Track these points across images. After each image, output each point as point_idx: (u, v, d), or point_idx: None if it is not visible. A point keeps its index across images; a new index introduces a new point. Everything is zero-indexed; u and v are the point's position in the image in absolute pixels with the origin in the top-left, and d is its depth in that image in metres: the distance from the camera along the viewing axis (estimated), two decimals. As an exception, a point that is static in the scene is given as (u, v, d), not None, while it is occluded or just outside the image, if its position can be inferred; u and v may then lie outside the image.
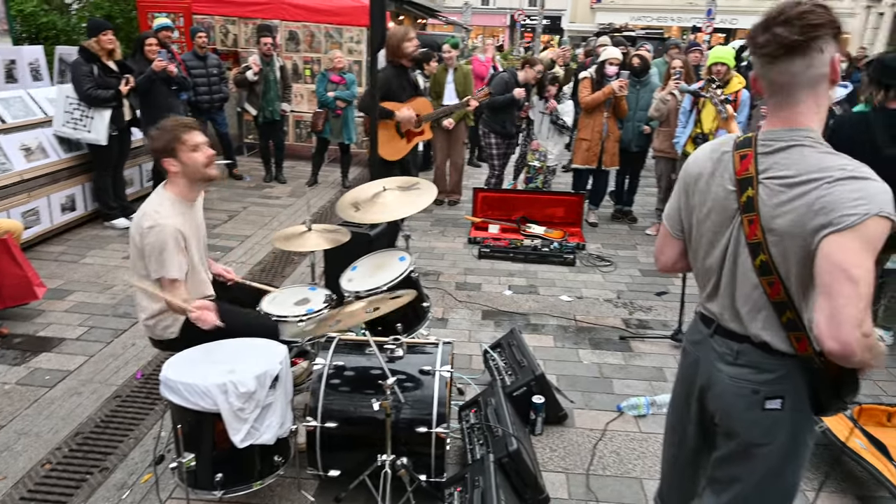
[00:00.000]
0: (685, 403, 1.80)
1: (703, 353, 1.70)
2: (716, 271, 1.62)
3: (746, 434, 1.60)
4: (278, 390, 2.32)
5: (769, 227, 1.45)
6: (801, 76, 1.42)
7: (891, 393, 3.55)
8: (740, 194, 1.49)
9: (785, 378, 1.53)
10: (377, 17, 3.67)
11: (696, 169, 1.65)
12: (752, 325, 1.55)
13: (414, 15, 24.68)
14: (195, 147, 2.59)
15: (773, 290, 1.48)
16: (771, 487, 1.63)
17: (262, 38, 7.17)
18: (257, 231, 5.99)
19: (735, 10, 35.68)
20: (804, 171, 1.40)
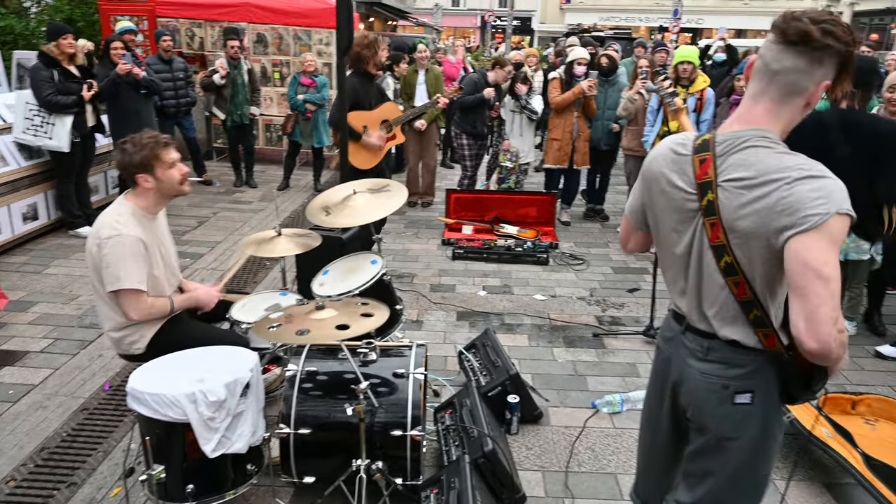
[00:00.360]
0: (658, 399, 1.83)
1: (674, 350, 1.72)
2: (682, 270, 1.64)
3: (718, 428, 1.62)
4: (249, 398, 2.29)
5: (732, 229, 1.46)
6: (790, 73, 1.42)
7: (855, 381, 3.65)
8: (701, 198, 1.51)
9: (754, 373, 1.56)
10: (343, 19, 3.64)
11: (656, 168, 1.66)
12: (718, 325, 1.57)
13: (384, 17, 24.64)
14: (172, 164, 2.54)
15: (740, 289, 1.49)
16: (743, 480, 1.65)
17: (229, 41, 7.08)
18: (228, 237, 5.91)
19: (701, 10, 36.35)
20: (763, 172, 1.42)
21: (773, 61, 1.44)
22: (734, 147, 1.48)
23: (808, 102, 1.45)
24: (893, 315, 4.44)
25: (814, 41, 1.38)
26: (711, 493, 1.68)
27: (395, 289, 3.25)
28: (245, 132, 7.53)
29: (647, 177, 1.70)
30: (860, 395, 3.25)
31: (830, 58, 1.40)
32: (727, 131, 1.52)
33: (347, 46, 3.75)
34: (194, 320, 2.82)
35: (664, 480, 1.91)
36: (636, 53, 8.80)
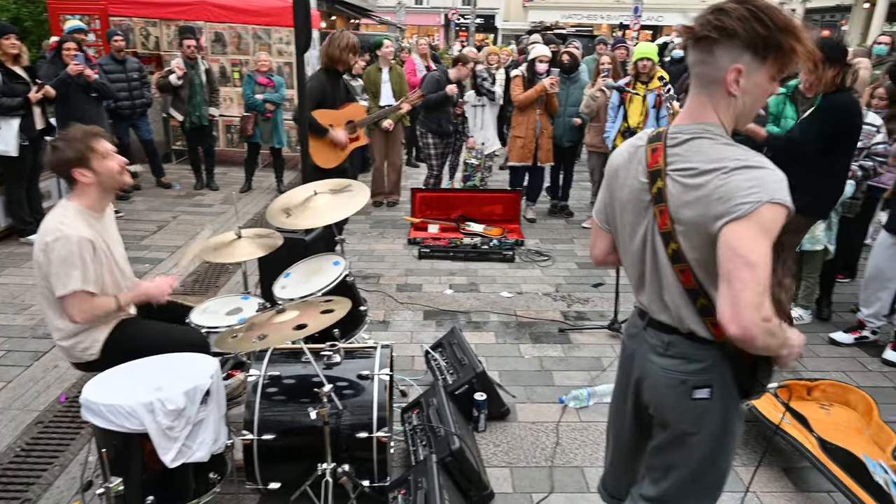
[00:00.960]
0: (623, 395, 1.85)
1: (637, 346, 1.75)
2: (639, 263, 1.66)
3: (678, 423, 1.65)
4: (210, 405, 2.24)
5: (677, 218, 1.49)
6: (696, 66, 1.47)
7: (810, 368, 3.75)
8: (651, 186, 1.53)
9: (712, 367, 1.58)
10: (301, 17, 3.59)
11: (615, 163, 1.70)
12: (677, 315, 1.59)
13: (346, 15, 24.44)
14: (107, 154, 2.47)
15: (685, 277, 1.52)
16: (705, 473, 1.68)
17: (185, 41, 6.92)
18: (188, 241, 5.77)
19: (661, 8, 36.98)
20: (703, 162, 1.45)
21: (689, 60, 1.51)
22: (681, 139, 1.51)
23: (729, 91, 1.45)
24: (844, 302, 4.59)
25: (695, 32, 1.42)
26: (675, 486, 1.70)
27: (359, 290, 3.22)
28: (204, 134, 7.38)
29: (609, 173, 1.73)
30: (815, 382, 3.35)
31: (726, 42, 1.40)
32: (677, 125, 1.56)
33: (305, 45, 3.70)
34: (152, 321, 2.75)
35: (630, 474, 1.94)
36: (598, 51, 8.91)
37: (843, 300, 4.64)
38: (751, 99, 1.48)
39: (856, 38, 21.00)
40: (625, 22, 25.48)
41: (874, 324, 4.00)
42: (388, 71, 6.81)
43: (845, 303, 4.60)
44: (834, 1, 24.92)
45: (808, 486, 2.77)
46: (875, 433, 3.01)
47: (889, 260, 3.76)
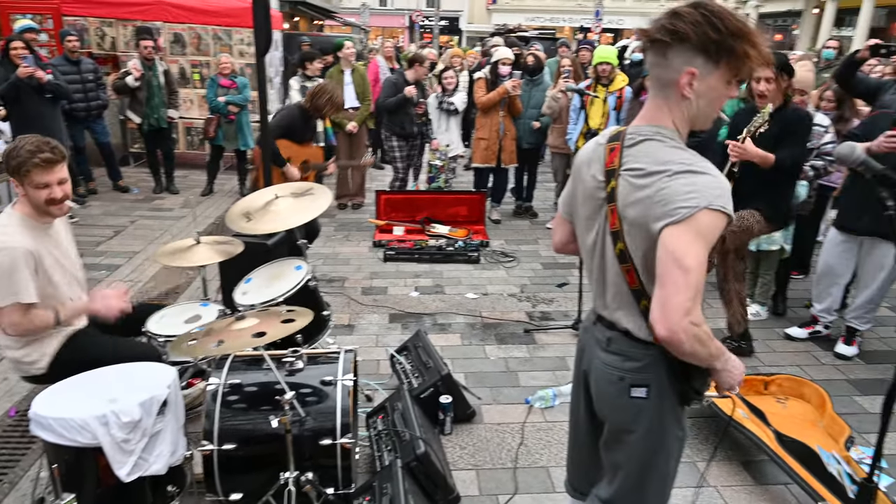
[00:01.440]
0: (577, 389, 1.89)
1: (587, 341, 1.78)
2: (590, 259, 1.69)
3: (616, 419, 1.68)
4: (167, 416, 2.19)
5: (624, 217, 1.51)
6: (653, 69, 1.50)
7: (767, 363, 3.86)
8: (606, 185, 1.56)
9: (649, 367, 1.59)
10: (261, 19, 3.53)
11: (580, 159, 1.73)
12: (616, 312, 1.62)
13: (309, 16, 24.21)
14: (41, 186, 2.32)
15: (630, 278, 1.54)
16: (647, 475, 1.70)
17: (142, 41, 6.76)
18: (147, 246, 5.64)
19: (621, 11, 37.66)
20: (651, 163, 1.47)
21: (647, 64, 1.54)
22: (635, 140, 1.54)
23: (683, 94, 1.47)
24: (798, 298, 4.73)
25: (650, 35, 1.45)
26: (623, 487, 1.73)
27: (321, 294, 3.18)
28: (163, 136, 7.21)
29: (574, 168, 1.76)
30: (772, 376, 3.45)
31: (678, 46, 1.43)
32: (635, 125, 1.58)
33: (266, 47, 3.64)
34: (104, 334, 2.66)
35: (592, 470, 1.95)
36: (560, 53, 9.01)
37: (798, 296, 4.78)
38: (706, 102, 1.49)
39: (806, 42, 21.71)
40: (586, 25, 25.86)
41: (826, 318, 4.13)
42: (350, 72, 6.75)
43: (799, 298, 4.74)
44: (786, 6, 25.73)
45: (767, 478, 2.84)
46: (828, 425, 3.11)
47: (839, 256, 3.89)
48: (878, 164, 1.64)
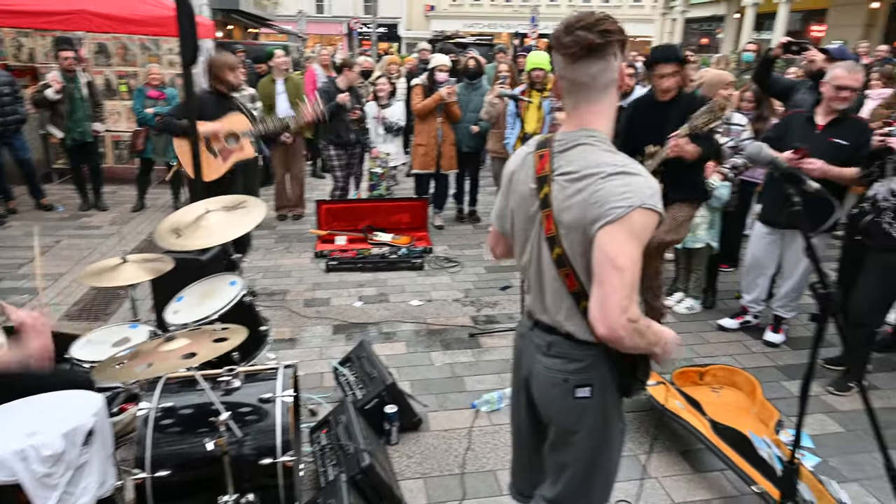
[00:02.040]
0: (517, 395, 1.90)
1: (525, 346, 1.80)
2: (528, 266, 1.71)
3: (562, 421, 1.72)
4: (94, 446, 2.08)
5: (559, 221, 1.54)
6: (598, 78, 1.51)
7: (702, 354, 4.00)
8: (539, 191, 1.59)
9: (591, 367, 1.64)
10: (186, 28, 3.43)
11: (509, 169, 1.75)
12: (557, 315, 1.65)
13: (243, 24, 23.73)
14: None
15: (570, 280, 1.57)
16: (593, 471, 1.75)
17: (62, 53, 6.47)
18: (74, 267, 5.38)
19: (556, 17, 38.45)
20: (584, 167, 1.50)
21: (580, 76, 1.52)
22: (566, 145, 1.58)
23: (619, 86, 1.58)
24: (728, 290, 4.93)
25: (600, 46, 1.47)
26: (568, 485, 1.76)
27: (258, 310, 3.10)
28: (89, 151, 6.91)
29: (505, 179, 1.78)
30: (706, 367, 3.58)
31: (616, 49, 1.51)
32: (562, 131, 1.62)
33: (192, 57, 3.53)
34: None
35: (535, 472, 1.98)
36: (497, 59, 9.13)
37: (728, 288, 4.99)
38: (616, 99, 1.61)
39: (730, 45, 22.75)
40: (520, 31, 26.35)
41: (755, 308, 4.32)
42: (282, 82, 6.64)
43: (730, 290, 4.95)
44: (710, 11, 26.91)
45: (704, 466, 2.94)
46: (759, 411, 3.25)
47: (764, 249, 4.07)
48: (785, 163, 1.73)
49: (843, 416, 3.35)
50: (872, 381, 3.71)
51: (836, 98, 3.54)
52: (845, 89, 3.50)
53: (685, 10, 24.57)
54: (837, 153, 3.53)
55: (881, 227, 3.34)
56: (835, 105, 3.57)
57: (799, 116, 3.79)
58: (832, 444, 3.11)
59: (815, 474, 2.74)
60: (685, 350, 4.06)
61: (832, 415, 3.37)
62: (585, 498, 1.79)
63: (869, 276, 3.45)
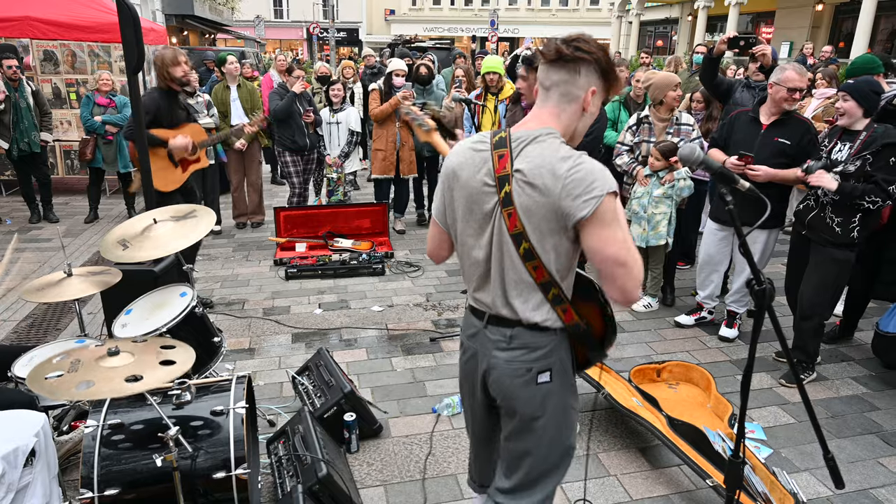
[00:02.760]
0: (471, 393, 1.92)
1: (479, 345, 1.80)
2: (483, 263, 1.72)
3: (526, 409, 1.75)
4: (37, 466, 2.01)
5: (527, 217, 1.58)
6: (561, 86, 1.61)
7: (659, 351, 4.07)
8: (499, 190, 1.61)
9: (551, 352, 1.71)
10: (129, 33, 3.34)
11: (452, 164, 1.74)
12: (523, 309, 1.68)
13: (200, 30, 23.31)
14: None
15: (538, 273, 1.62)
16: (554, 452, 1.80)
17: (5, 61, 6.25)
18: (23, 281, 5.17)
19: (516, 21, 38.93)
20: (548, 162, 1.55)
21: (545, 79, 1.64)
22: (526, 142, 1.62)
23: (584, 108, 1.64)
24: (685, 287, 5.04)
25: (566, 55, 1.58)
26: (529, 472, 1.79)
27: (210, 321, 3.04)
28: (37, 161, 6.70)
29: (448, 175, 1.76)
30: (663, 363, 3.64)
31: (586, 67, 1.60)
32: (521, 129, 1.65)
33: (138, 63, 3.45)
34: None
35: (493, 463, 2.03)
36: (457, 63, 9.18)
37: (685, 285, 5.10)
38: (589, 117, 1.68)
39: (683, 47, 23.32)
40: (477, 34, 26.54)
41: (710, 304, 4.42)
42: (236, 88, 6.54)
43: (686, 287, 5.06)
44: (664, 14, 27.56)
45: (661, 462, 2.98)
46: (715, 405, 3.33)
47: (716, 246, 4.17)
48: (716, 163, 1.77)
49: (794, 408, 3.44)
50: (822, 371, 3.83)
51: (789, 99, 3.65)
52: (797, 90, 3.62)
53: (640, 13, 25.09)
54: (782, 152, 3.65)
55: (824, 221, 3.46)
56: (787, 106, 3.68)
57: (744, 115, 3.90)
58: (784, 436, 3.20)
59: (766, 466, 2.81)
60: (643, 348, 4.14)
61: (785, 407, 3.47)
62: (544, 481, 1.82)
63: (814, 269, 3.57)
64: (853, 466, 2.96)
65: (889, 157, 3.22)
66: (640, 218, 4.55)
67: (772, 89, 3.69)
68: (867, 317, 4.35)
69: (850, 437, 3.19)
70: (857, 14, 14.95)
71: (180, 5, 19.08)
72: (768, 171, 3.60)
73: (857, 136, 3.36)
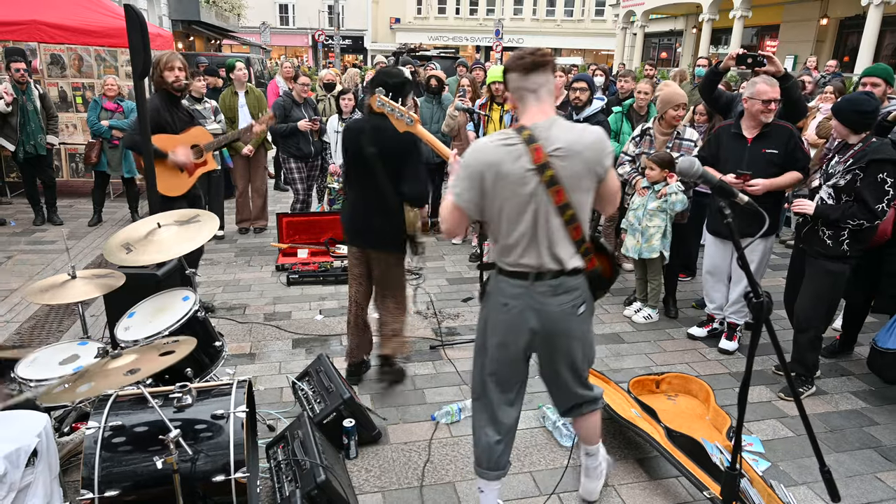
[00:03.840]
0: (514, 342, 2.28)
1: (526, 300, 2.21)
2: (529, 232, 2.13)
3: (575, 333, 2.28)
4: (39, 467, 2.03)
5: (571, 187, 2.08)
6: (545, 84, 2.15)
7: (659, 363, 4.08)
8: (542, 174, 2.06)
9: (583, 289, 2.27)
10: (137, 38, 3.37)
11: (491, 160, 2.08)
12: (566, 259, 2.18)
13: (206, 36, 23.47)
14: None
15: (576, 232, 2.15)
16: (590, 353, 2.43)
17: (13, 64, 6.30)
18: (26, 283, 5.22)
19: (521, 31, 39.11)
20: (574, 136, 2.10)
21: (530, 84, 2.14)
22: (548, 128, 2.10)
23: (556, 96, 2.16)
24: (686, 299, 5.05)
25: (544, 63, 2.13)
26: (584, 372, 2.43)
27: (212, 325, 3.06)
28: (42, 164, 6.74)
29: (483, 169, 2.08)
30: (662, 375, 3.65)
31: (551, 68, 2.18)
32: (536, 122, 2.11)
33: (145, 69, 3.49)
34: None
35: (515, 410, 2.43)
36: (458, 73, 9.23)
37: (686, 297, 5.11)
38: None
39: (688, 59, 23.40)
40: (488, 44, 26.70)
41: (721, 315, 4.41)
42: (244, 94, 6.58)
43: (687, 299, 5.07)
44: (668, 26, 27.68)
45: (659, 473, 2.99)
46: (713, 418, 3.33)
47: (719, 256, 4.17)
48: (715, 177, 1.80)
49: (793, 422, 3.44)
50: (821, 386, 3.83)
51: (765, 111, 3.70)
52: (771, 101, 3.66)
53: (644, 24, 25.20)
54: (771, 162, 3.70)
55: (817, 234, 3.49)
56: (764, 119, 3.73)
57: (726, 130, 3.93)
58: (782, 449, 3.20)
59: (764, 479, 2.81)
60: (643, 359, 4.14)
61: (783, 420, 3.47)
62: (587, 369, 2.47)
63: (808, 281, 3.59)
64: (851, 481, 2.96)
65: (876, 173, 3.24)
66: (634, 230, 4.57)
67: (747, 104, 3.74)
68: (867, 332, 4.35)
69: (848, 452, 3.19)
70: (861, 28, 15.02)
71: (187, 11, 19.24)
72: (765, 183, 3.65)
73: (850, 149, 3.39)
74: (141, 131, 3.69)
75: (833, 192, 3.39)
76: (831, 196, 3.41)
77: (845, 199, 3.34)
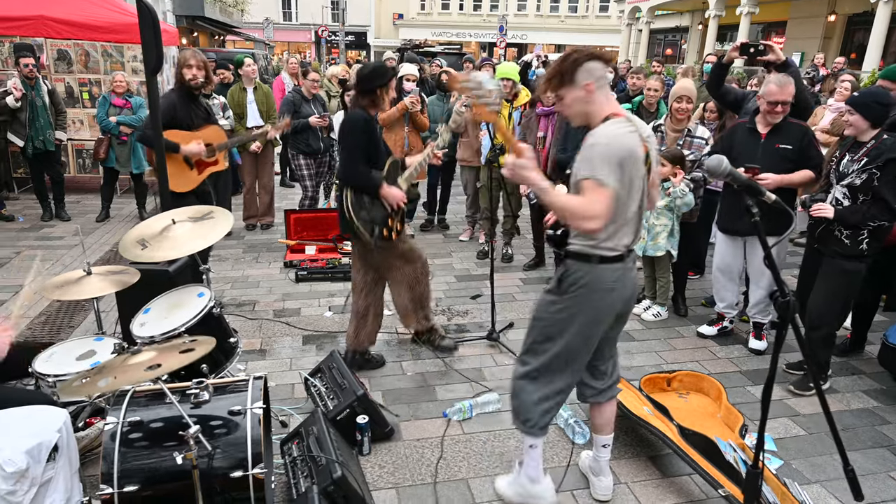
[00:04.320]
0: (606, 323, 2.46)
1: (625, 280, 2.40)
2: (636, 214, 2.34)
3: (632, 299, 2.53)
4: (59, 461, 2.04)
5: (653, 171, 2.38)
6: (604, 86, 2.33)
7: (669, 361, 4.08)
8: (646, 161, 2.31)
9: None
10: (149, 34, 3.38)
11: (632, 146, 2.24)
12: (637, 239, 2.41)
13: (209, 31, 23.46)
14: None
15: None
16: None
17: (22, 59, 6.32)
18: (36, 278, 5.21)
19: (524, 27, 38.98)
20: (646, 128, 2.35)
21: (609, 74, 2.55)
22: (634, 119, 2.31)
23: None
24: (695, 297, 5.04)
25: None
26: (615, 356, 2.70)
27: (227, 321, 3.07)
28: (51, 160, 6.75)
29: (622, 154, 2.20)
30: (673, 373, 3.65)
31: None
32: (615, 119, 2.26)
33: (157, 64, 3.49)
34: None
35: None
36: (465, 69, 9.21)
37: (695, 295, 5.10)
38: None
39: (693, 56, 23.32)
40: (492, 40, 26.66)
41: (731, 314, 4.41)
42: (252, 90, 6.59)
43: (696, 297, 5.06)
44: (674, 23, 27.57)
45: (672, 471, 2.99)
46: (725, 416, 3.33)
47: (730, 255, 4.17)
48: (743, 175, 1.79)
49: (805, 420, 3.44)
50: (833, 384, 3.82)
51: (771, 112, 3.73)
52: (778, 104, 3.67)
53: (650, 21, 25.12)
54: (785, 158, 3.70)
55: (833, 234, 3.48)
56: (772, 119, 3.75)
57: (741, 126, 3.94)
58: (794, 447, 3.20)
59: (777, 476, 2.81)
60: (653, 357, 4.14)
61: (795, 418, 3.47)
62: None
63: (823, 280, 3.58)
64: (864, 480, 2.93)
65: (895, 171, 3.23)
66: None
67: (759, 101, 3.77)
68: (877, 330, 4.35)
69: (860, 451, 3.19)
70: (869, 25, 14.95)
71: (191, 6, 19.23)
72: (776, 179, 3.64)
73: (862, 147, 3.37)
74: (153, 126, 3.69)
75: (848, 192, 3.38)
76: (846, 196, 3.40)
77: (862, 199, 3.34)
